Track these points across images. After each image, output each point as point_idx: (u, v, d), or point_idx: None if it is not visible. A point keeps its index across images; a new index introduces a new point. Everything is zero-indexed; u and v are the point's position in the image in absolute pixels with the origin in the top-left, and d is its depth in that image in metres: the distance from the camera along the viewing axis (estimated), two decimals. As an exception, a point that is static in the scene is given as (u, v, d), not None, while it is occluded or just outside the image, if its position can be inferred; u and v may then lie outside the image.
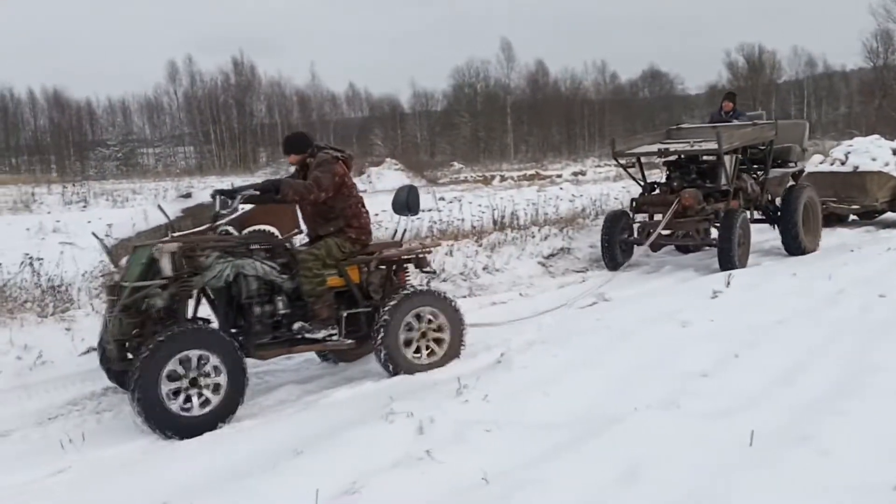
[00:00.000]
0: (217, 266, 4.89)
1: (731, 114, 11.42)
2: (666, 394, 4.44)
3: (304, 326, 5.26)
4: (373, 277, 5.67)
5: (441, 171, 41.88)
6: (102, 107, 75.88)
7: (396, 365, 5.40)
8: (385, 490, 3.35)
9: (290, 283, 5.22)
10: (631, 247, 10.23)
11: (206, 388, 4.64)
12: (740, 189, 10.16)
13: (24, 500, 3.63)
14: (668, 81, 78.48)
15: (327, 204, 5.45)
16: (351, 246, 5.52)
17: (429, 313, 5.59)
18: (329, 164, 5.41)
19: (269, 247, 5.33)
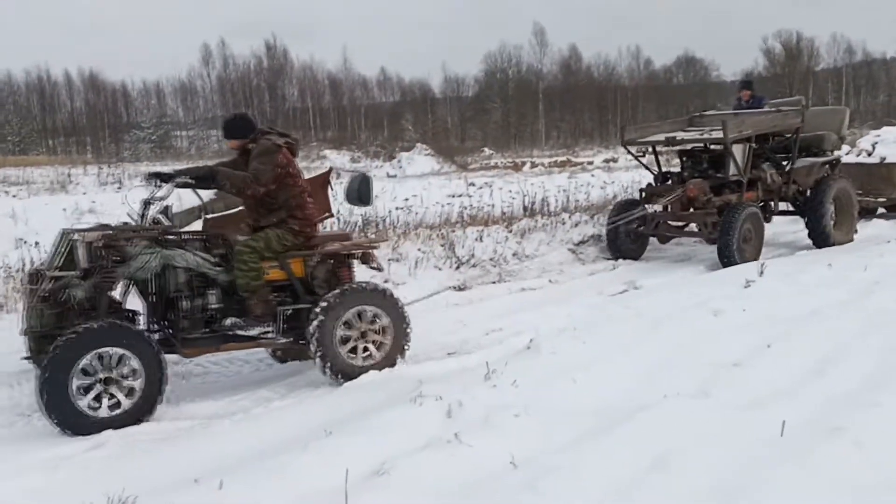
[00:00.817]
0: (143, 256, 4.66)
1: (751, 102, 11.04)
2: (696, 383, 4.41)
3: (237, 322, 5.00)
4: (318, 272, 5.34)
5: (471, 157, 41.79)
6: (137, 89, 76.80)
7: (331, 366, 5.08)
8: (414, 472, 3.38)
9: (224, 276, 4.94)
10: (643, 238, 10.06)
11: (119, 389, 4.41)
12: (758, 180, 9.83)
13: (63, 473, 3.71)
14: (703, 68, 77.40)
15: (270, 194, 5.09)
16: (293, 238, 5.17)
17: (371, 313, 5.24)
18: (270, 155, 5.03)
19: (205, 237, 5.05)
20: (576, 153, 41.95)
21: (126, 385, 4.42)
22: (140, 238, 4.70)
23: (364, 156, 41.78)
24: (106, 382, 4.37)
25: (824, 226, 9.96)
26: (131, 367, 4.42)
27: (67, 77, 73.75)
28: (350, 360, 5.15)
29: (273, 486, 3.31)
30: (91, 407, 4.32)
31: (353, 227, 10.61)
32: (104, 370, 4.35)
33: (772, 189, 10.06)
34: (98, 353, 4.32)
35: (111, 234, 4.63)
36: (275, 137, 5.16)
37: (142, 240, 4.70)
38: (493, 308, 7.48)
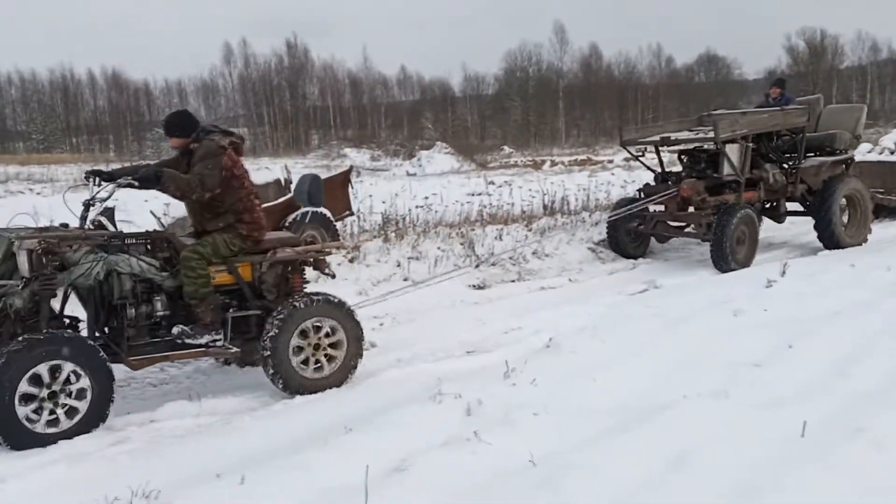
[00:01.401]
0: (86, 263, 4.40)
1: (780, 100, 10.86)
2: (716, 383, 4.39)
3: (185, 331, 4.73)
4: (267, 276, 5.15)
5: (491, 156, 41.79)
6: (159, 88, 77.61)
7: (281, 376, 4.88)
8: (433, 469, 3.40)
9: (170, 282, 4.72)
10: (643, 237, 9.98)
11: (64, 404, 4.17)
12: (760, 180, 9.65)
13: (86, 467, 3.78)
14: (725, 66, 76.87)
15: (216, 198, 4.86)
16: (241, 243, 4.96)
17: (329, 326, 5.06)
18: (215, 158, 4.78)
19: (149, 240, 4.76)
20: (596, 152, 41.84)
21: (72, 400, 4.19)
22: (82, 243, 4.42)
23: (384, 154, 41.89)
24: (51, 397, 4.12)
25: (832, 227, 9.74)
26: (79, 380, 4.19)
27: (91, 76, 74.69)
28: (301, 371, 4.95)
29: (294, 481, 3.35)
30: (30, 420, 4.06)
31: (373, 224, 10.68)
32: (50, 384, 4.10)
33: (775, 189, 9.85)
34: (45, 365, 4.07)
35: (52, 240, 4.31)
36: (219, 137, 4.91)
37: (83, 244, 4.43)
38: (512, 306, 7.48)
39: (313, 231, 9.12)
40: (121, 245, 4.60)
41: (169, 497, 3.20)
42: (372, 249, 8.83)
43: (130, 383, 5.37)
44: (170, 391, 5.20)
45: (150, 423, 4.55)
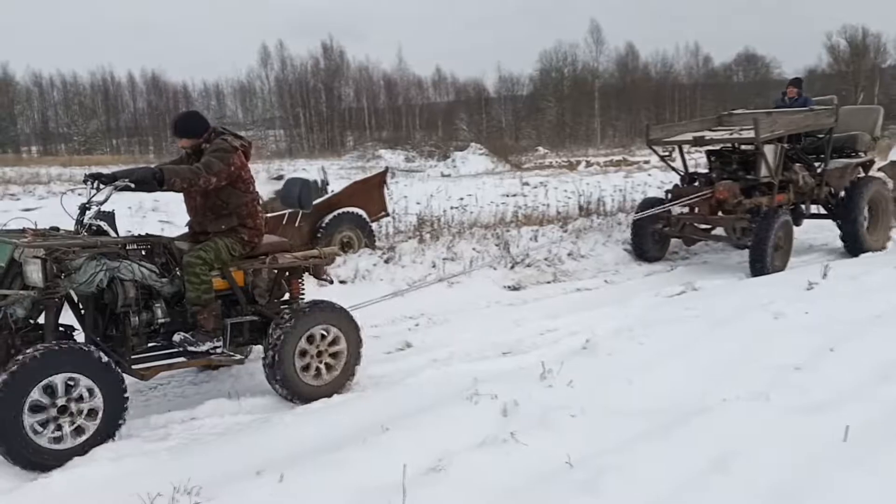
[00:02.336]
0: (88, 269, 4.22)
1: (796, 101, 10.55)
2: (756, 386, 4.34)
3: (187, 338, 4.56)
4: (259, 281, 5.07)
5: (525, 156, 41.63)
6: (198, 90, 78.64)
7: (284, 382, 4.80)
8: (470, 469, 3.41)
9: (169, 288, 4.58)
10: (666, 239, 9.75)
11: (77, 417, 3.98)
12: (790, 182, 9.43)
13: (129, 463, 3.84)
14: (765, 65, 75.59)
15: (221, 198, 4.77)
16: (241, 248, 4.85)
17: (333, 335, 5.01)
18: (226, 153, 4.68)
19: (148, 246, 4.59)
20: (632, 152, 41.42)
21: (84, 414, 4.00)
22: (81, 248, 4.23)
23: (418, 155, 41.92)
24: (61, 411, 3.93)
25: (858, 230, 9.51)
26: (90, 393, 4.00)
27: (130, 78, 75.97)
28: (303, 378, 4.88)
29: (332, 479, 3.38)
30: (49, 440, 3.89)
31: (408, 225, 10.71)
32: (60, 398, 3.91)
33: (804, 191, 9.63)
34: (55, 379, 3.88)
35: (57, 248, 4.13)
36: (230, 138, 4.82)
37: (83, 250, 4.23)
38: (547, 308, 7.46)
39: (349, 232, 9.19)
40: (120, 250, 4.43)
41: (210, 493, 3.25)
42: (407, 250, 8.86)
43: (170, 381, 5.46)
44: (210, 389, 5.27)
45: (190, 421, 4.62)
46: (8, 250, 4.10)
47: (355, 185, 9.81)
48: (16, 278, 4.12)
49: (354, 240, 9.18)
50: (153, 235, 4.76)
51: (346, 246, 9.11)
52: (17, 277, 4.11)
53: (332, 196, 9.49)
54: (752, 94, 67.16)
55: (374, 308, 6.79)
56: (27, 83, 72.50)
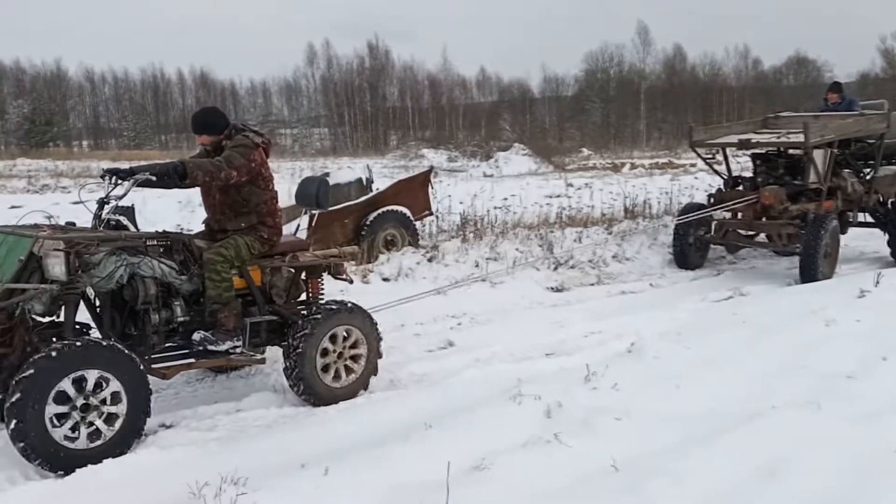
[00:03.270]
0: (108, 265, 4.13)
1: (839, 105, 10.20)
2: (807, 393, 4.25)
3: (207, 337, 4.46)
4: (276, 280, 4.99)
5: (569, 157, 41.38)
6: (245, 88, 79.71)
7: (305, 383, 4.72)
8: (513, 469, 3.40)
9: (188, 286, 4.49)
10: (706, 246, 9.47)
11: (99, 416, 3.87)
12: (838, 188, 9.15)
13: (178, 452, 3.93)
14: (816, 69, 73.97)
15: (241, 195, 4.71)
16: (260, 247, 4.78)
17: (354, 337, 4.95)
18: (247, 149, 4.63)
19: (167, 242, 4.50)
20: (678, 155, 40.93)
21: (107, 412, 3.90)
22: (101, 243, 4.13)
23: (461, 155, 41.93)
24: (84, 410, 3.83)
25: None
26: (112, 391, 3.90)
27: (180, 75, 77.32)
28: (322, 378, 4.80)
29: (376, 474, 3.40)
30: (67, 439, 3.76)
31: (451, 225, 10.72)
32: (83, 395, 3.81)
33: (852, 199, 9.35)
34: (78, 375, 3.78)
35: (78, 241, 4.03)
36: (251, 135, 4.76)
37: (102, 245, 4.13)
38: (591, 310, 7.41)
39: (393, 230, 9.24)
40: (140, 246, 4.34)
41: (256, 484, 3.28)
42: (450, 249, 8.87)
43: (217, 374, 5.54)
44: (256, 382, 5.34)
45: (236, 413, 4.69)
46: (27, 244, 3.96)
47: (400, 184, 9.86)
48: (34, 273, 3.97)
49: (398, 238, 9.22)
50: (171, 232, 4.69)
51: (390, 244, 9.16)
52: (34, 272, 3.97)
53: (377, 194, 9.55)
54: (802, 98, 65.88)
55: (416, 306, 6.81)
56: (80, 79, 74.27)
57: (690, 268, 9.30)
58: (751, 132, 9.94)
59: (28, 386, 3.64)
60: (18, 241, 4.02)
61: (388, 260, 8.37)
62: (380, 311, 6.31)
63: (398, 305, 6.61)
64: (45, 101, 65.44)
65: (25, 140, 59.57)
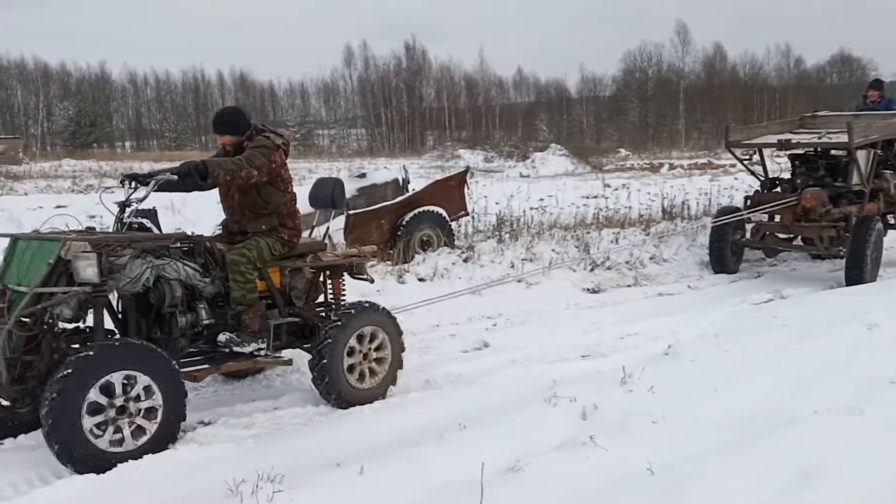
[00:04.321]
0: (135, 268, 4.10)
1: (879, 103, 9.89)
2: (849, 399, 4.17)
3: (232, 338, 4.46)
4: (296, 282, 4.97)
5: (606, 158, 41.09)
6: (283, 89, 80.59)
7: (331, 384, 4.69)
8: (548, 471, 3.38)
9: (211, 288, 4.47)
10: (741, 249, 9.26)
11: (137, 417, 3.87)
12: (879, 190, 8.94)
13: (215, 449, 3.99)
14: (860, 67, 72.48)
15: (262, 196, 4.69)
16: (281, 248, 4.75)
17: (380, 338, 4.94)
18: (268, 150, 4.63)
19: (190, 244, 4.48)
20: (717, 155, 40.37)
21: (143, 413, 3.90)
22: (126, 246, 4.09)
23: (497, 156, 41.90)
24: (120, 412, 3.82)
25: None
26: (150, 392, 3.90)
27: (220, 77, 78.42)
28: (348, 380, 4.78)
29: (410, 474, 3.41)
30: (103, 441, 3.77)
31: (487, 225, 10.70)
32: (119, 397, 3.81)
33: (894, 201, 9.14)
34: (114, 376, 3.78)
35: (106, 243, 4.01)
36: (272, 136, 4.75)
37: (126, 248, 4.09)
38: (628, 312, 7.36)
39: (429, 231, 9.25)
40: (164, 249, 4.31)
41: (292, 482, 3.31)
42: (486, 250, 8.87)
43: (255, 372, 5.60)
44: (293, 381, 5.39)
45: (273, 411, 4.75)
46: (54, 247, 3.89)
47: (436, 185, 9.87)
48: (60, 278, 3.91)
49: (434, 238, 9.23)
50: (196, 235, 4.66)
51: (426, 244, 9.17)
52: (61, 277, 3.91)
53: (413, 195, 9.57)
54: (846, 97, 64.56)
55: (452, 307, 6.82)
56: (123, 81, 75.81)
57: (727, 272, 9.13)
58: (787, 132, 9.75)
59: (65, 385, 3.62)
60: (44, 245, 3.98)
61: (423, 260, 8.39)
62: (415, 309, 6.36)
63: (433, 305, 6.62)
64: (89, 103, 66.89)
65: (70, 141, 60.93)
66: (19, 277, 3.97)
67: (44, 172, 31.01)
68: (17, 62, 68.39)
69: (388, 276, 7.73)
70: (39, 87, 69.06)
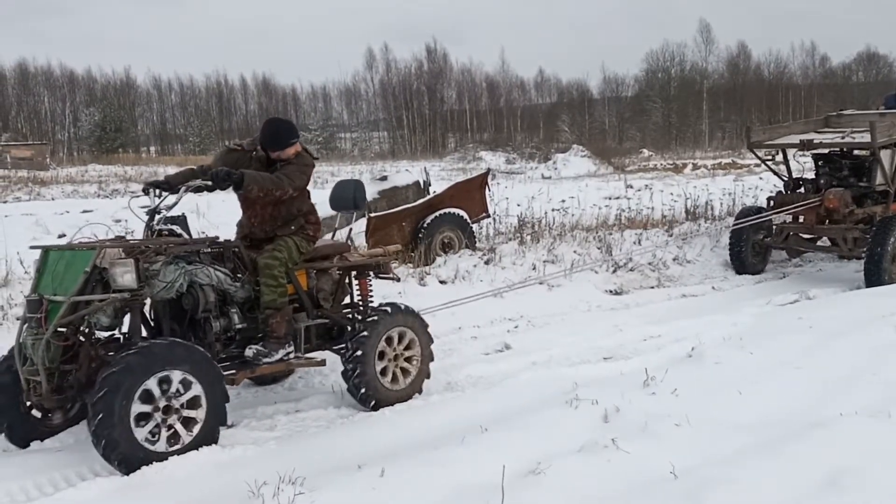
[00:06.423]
0: (168, 274, 4.12)
1: None
2: (876, 401, 4.11)
3: (259, 351, 4.43)
4: (323, 284, 4.96)
5: (629, 159, 40.86)
6: (305, 93, 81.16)
7: (365, 386, 4.69)
8: (569, 474, 3.36)
9: (241, 293, 4.48)
10: (766, 250, 9.19)
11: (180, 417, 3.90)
12: None
13: (238, 450, 4.00)
14: (887, 64, 71.55)
15: (295, 206, 4.73)
16: (307, 246, 4.76)
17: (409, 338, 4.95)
18: (309, 168, 4.72)
19: (220, 249, 4.51)
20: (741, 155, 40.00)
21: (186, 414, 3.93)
22: (159, 252, 4.15)
23: (519, 157, 41.85)
24: (165, 412, 3.85)
25: None
26: (191, 388, 3.92)
27: (243, 82, 79.04)
28: (382, 382, 4.78)
29: (431, 477, 3.40)
30: (148, 440, 3.79)
31: (509, 227, 10.67)
32: (162, 398, 3.83)
33: None
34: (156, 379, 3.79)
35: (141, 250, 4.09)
36: (312, 151, 4.85)
37: (158, 254, 4.14)
38: (651, 313, 7.30)
39: (450, 233, 9.24)
40: (195, 254, 4.34)
41: (313, 484, 3.32)
42: (507, 251, 8.85)
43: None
44: (315, 384, 5.41)
45: (295, 413, 4.76)
46: (89, 256, 3.92)
47: (457, 187, 9.86)
48: (96, 286, 3.94)
49: (455, 240, 9.22)
50: (226, 240, 4.69)
51: (447, 246, 9.17)
52: (97, 284, 3.94)
53: (434, 197, 9.57)
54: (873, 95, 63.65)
55: (473, 309, 6.81)
56: (147, 86, 76.63)
57: (749, 273, 9.04)
58: (812, 131, 9.62)
59: (115, 384, 3.64)
60: (78, 254, 4.01)
61: (444, 262, 8.39)
62: (437, 312, 6.35)
63: (455, 308, 6.62)
64: (115, 109, 67.63)
65: (96, 146, 61.63)
66: (54, 287, 3.99)
67: (70, 177, 31.48)
68: (45, 69, 69.61)
69: (410, 278, 7.73)
70: (66, 93, 70.15)
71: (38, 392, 3.93)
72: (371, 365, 4.72)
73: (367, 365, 4.69)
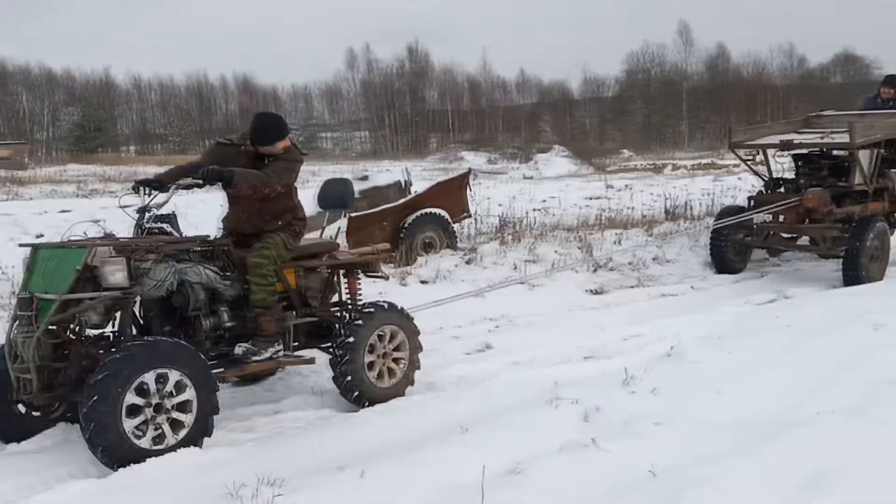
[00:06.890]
0: (159, 272, 4.12)
1: (892, 102, 9.60)
2: (853, 400, 4.14)
3: (249, 349, 4.43)
4: (312, 282, 4.95)
5: (610, 159, 41.09)
6: (287, 93, 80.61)
7: (353, 384, 4.70)
8: (550, 474, 3.37)
9: (231, 291, 4.49)
10: (747, 249, 9.24)
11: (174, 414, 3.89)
12: (885, 190, 8.87)
13: (217, 452, 3.95)
14: (864, 66, 72.27)
15: (282, 202, 4.71)
16: (294, 242, 4.75)
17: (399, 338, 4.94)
18: (297, 164, 4.73)
19: (210, 248, 4.50)
20: (721, 155, 40.31)
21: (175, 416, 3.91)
22: (149, 251, 4.13)
23: (501, 157, 41.93)
24: (156, 409, 3.83)
25: None
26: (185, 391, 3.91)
27: (223, 81, 78.52)
28: (368, 376, 4.77)
29: (411, 477, 3.39)
30: (134, 434, 3.77)
31: (490, 227, 10.69)
32: (156, 395, 3.82)
33: None
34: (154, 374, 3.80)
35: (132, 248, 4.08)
36: (300, 147, 4.84)
37: (148, 253, 4.13)
38: (631, 313, 7.33)
39: (432, 233, 9.24)
40: (185, 253, 4.34)
41: (293, 486, 3.30)
42: (489, 251, 8.86)
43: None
44: (294, 384, 5.37)
45: (274, 414, 4.73)
46: (81, 254, 3.92)
47: (438, 187, 9.86)
48: (87, 284, 3.94)
49: (436, 240, 9.22)
50: (215, 238, 4.69)
51: (428, 246, 9.16)
52: (87, 283, 3.94)
53: (415, 197, 9.56)
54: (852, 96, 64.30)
55: (454, 309, 6.80)
56: (127, 86, 75.90)
57: (730, 273, 9.09)
58: (792, 132, 9.65)
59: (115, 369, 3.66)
60: (70, 252, 4.00)
61: (426, 262, 8.38)
62: (418, 312, 6.33)
63: (436, 308, 6.61)
64: (94, 109, 67.01)
65: (75, 146, 61.06)
66: (45, 286, 3.98)
67: (49, 177, 31.17)
68: (23, 68, 68.68)
69: (391, 278, 7.70)
70: (45, 92, 69.29)
71: (28, 389, 3.93)
72: (360, 353, 4.71)
73: (356, 353, 4.68)
